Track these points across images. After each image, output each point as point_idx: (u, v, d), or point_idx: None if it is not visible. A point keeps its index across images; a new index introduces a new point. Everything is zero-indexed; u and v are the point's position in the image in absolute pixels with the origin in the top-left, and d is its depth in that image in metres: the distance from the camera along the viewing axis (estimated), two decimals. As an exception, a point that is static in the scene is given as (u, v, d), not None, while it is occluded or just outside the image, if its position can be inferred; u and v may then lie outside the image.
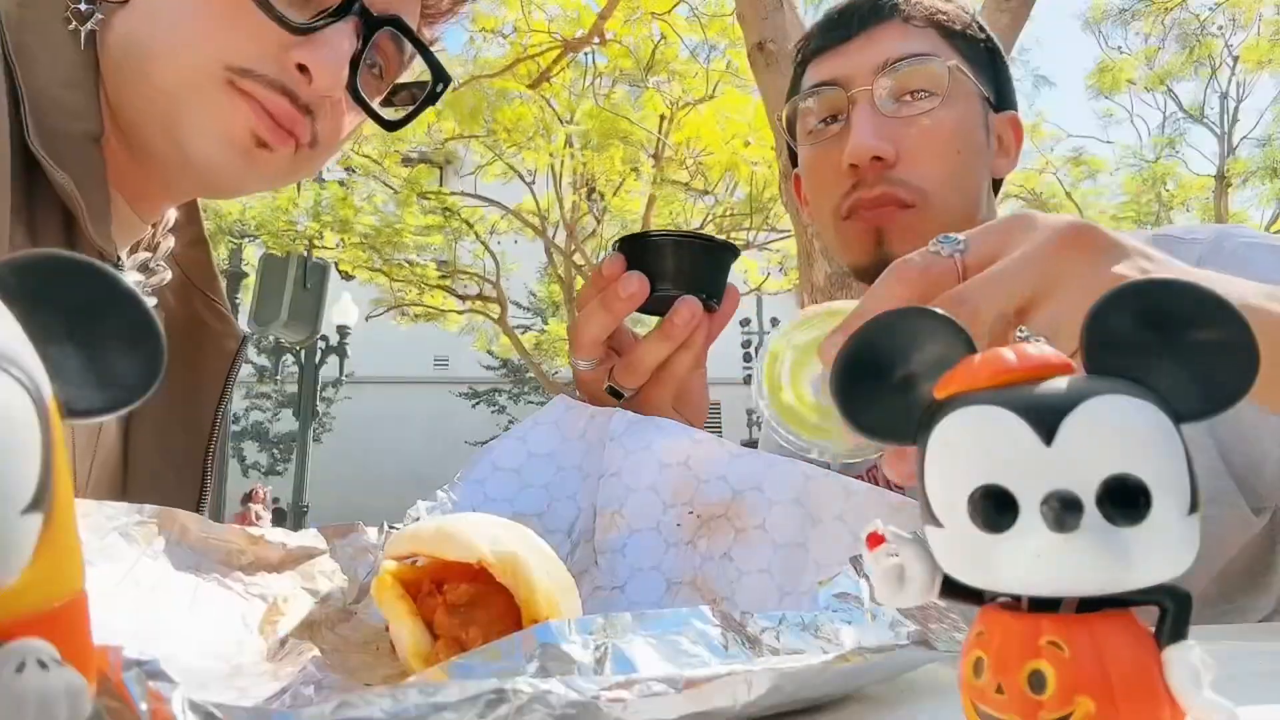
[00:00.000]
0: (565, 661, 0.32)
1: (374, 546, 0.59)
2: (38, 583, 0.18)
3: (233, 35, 0.64)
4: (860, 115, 0.84)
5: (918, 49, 0.85)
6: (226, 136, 0.66)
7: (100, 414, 0.22)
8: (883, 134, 0.83)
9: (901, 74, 0.84)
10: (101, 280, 0.22)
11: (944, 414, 0.24)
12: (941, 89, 0.85)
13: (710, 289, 0.69)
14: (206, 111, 0.65)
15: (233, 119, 0.65)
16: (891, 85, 0.85)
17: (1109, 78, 12.54)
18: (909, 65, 0.84)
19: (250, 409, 18.15)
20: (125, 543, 0.47)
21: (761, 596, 0.56)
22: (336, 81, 0.66)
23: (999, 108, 0.93)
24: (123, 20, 0.66)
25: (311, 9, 0.66)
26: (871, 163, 0.83)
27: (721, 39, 7.83)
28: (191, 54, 0.64)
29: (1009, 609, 0.24)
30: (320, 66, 0.65)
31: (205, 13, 0.65)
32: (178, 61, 0.65)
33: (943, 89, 0.85)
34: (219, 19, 0.64)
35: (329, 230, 9.08)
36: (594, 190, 9.76)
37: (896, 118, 0.84)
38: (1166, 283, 0.23)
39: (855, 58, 0.87)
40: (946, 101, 0.85)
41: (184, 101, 0.65)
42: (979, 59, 0.90)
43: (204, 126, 0.65)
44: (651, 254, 0.68)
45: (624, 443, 0.66)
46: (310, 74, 0.65)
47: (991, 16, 3.79)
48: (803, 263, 3.78)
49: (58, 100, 0.63)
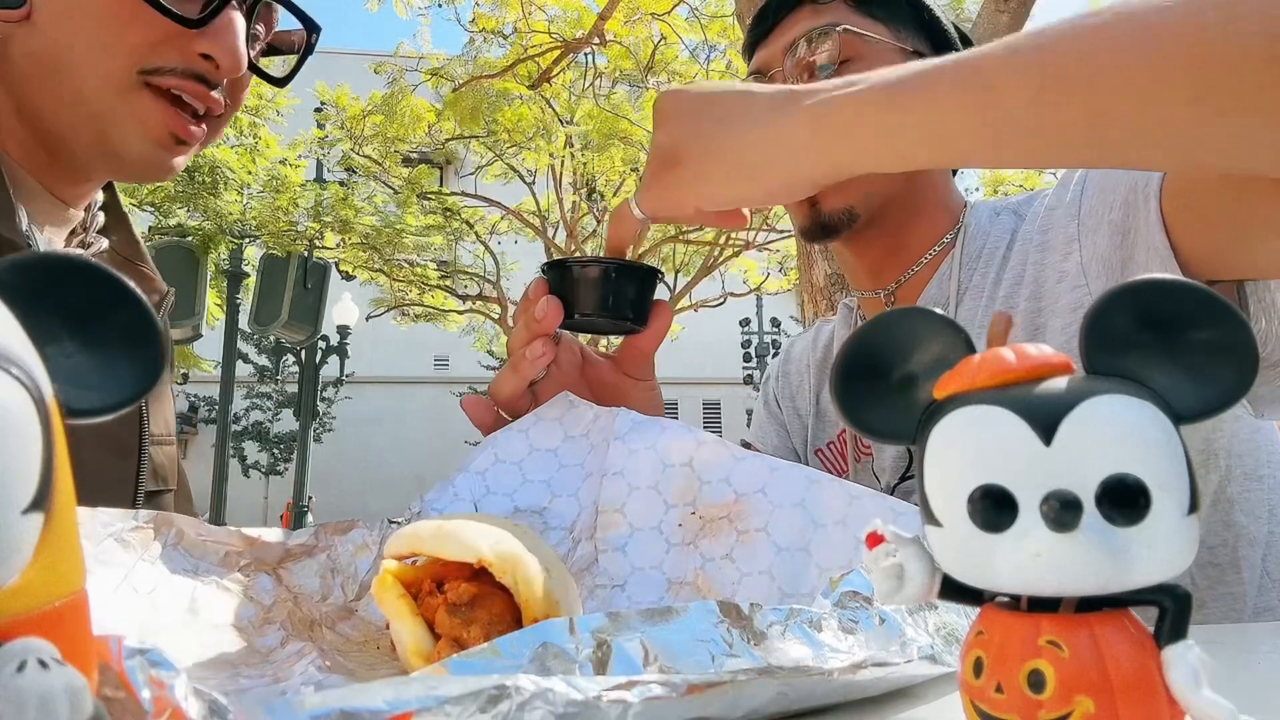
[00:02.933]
0: (566, 660, 0.32)
1: (374, 543, 0.59)
2: (38, 582, 0.18)
3: (138, 39, 0.71)
4: None
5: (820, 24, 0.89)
6: (150, 137, 0.74)
7: (100, 414, 0.22)
8: None
9: (804, 50, 0.88)
10: (101, 280, 0.22)
11: (943, 414, 0.24)
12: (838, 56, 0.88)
13: (632, 310, 0.73)
14: (129, 115, 0.72)
15: (153, 120, 0.73)
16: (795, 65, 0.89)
17: (1109, 78, 12.53)
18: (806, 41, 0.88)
19: (250, 409, 18.15)
20: (121, 548, 0.47)
21: (763, 599, 0.56)
22: (239, 63, 0.75)
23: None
24: (25, 38, 0.72)
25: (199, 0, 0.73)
26: None
27: (721, 39, 7.83)
28: (104, 63, 0.71)
29: (1008, 609, 0.24)
30: (223, 54, 0.73)
31: (109, 22, 0.71)
32: (94, 71, 0.71)
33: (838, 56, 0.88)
34: (122, 26, 0.70)
35: (329, 230, 9.08)
36: (594, 190, 9.77)
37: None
38: (1166, 283, 0.23)
39: (773, 46, 0.92)
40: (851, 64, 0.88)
41: (107, 108, 0.72)
42: (899, 16, 0.92)
43: (128, 129, 0.73)
44: (572, 279, 0.72)
45: (628, 441, 0.66)
46: (215, 61, 0.73)
47: (991, 16, 3.79)
48: (803, 263, 3.78)
49: None
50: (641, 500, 0.63)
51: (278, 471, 17.68)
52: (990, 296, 0.87)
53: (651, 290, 0.74)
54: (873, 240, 0.90)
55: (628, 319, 0.73)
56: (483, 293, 10.50)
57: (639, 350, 0.77)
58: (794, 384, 1.12)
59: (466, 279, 10.52)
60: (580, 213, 9.72)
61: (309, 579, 0.55)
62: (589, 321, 0.72)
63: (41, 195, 0.77)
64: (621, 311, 0.72)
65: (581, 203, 9.70)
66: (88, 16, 0.71)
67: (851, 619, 0.39)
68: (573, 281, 0.72)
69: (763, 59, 0.93)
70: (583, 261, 0.72)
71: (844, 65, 0.88)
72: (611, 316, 0.72)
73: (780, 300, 13.87)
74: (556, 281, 0.72)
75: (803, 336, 1.19)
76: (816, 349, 1.11)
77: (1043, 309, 0.82)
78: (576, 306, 0.71)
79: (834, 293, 3.48)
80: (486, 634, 0.42)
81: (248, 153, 8.23)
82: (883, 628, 0.39)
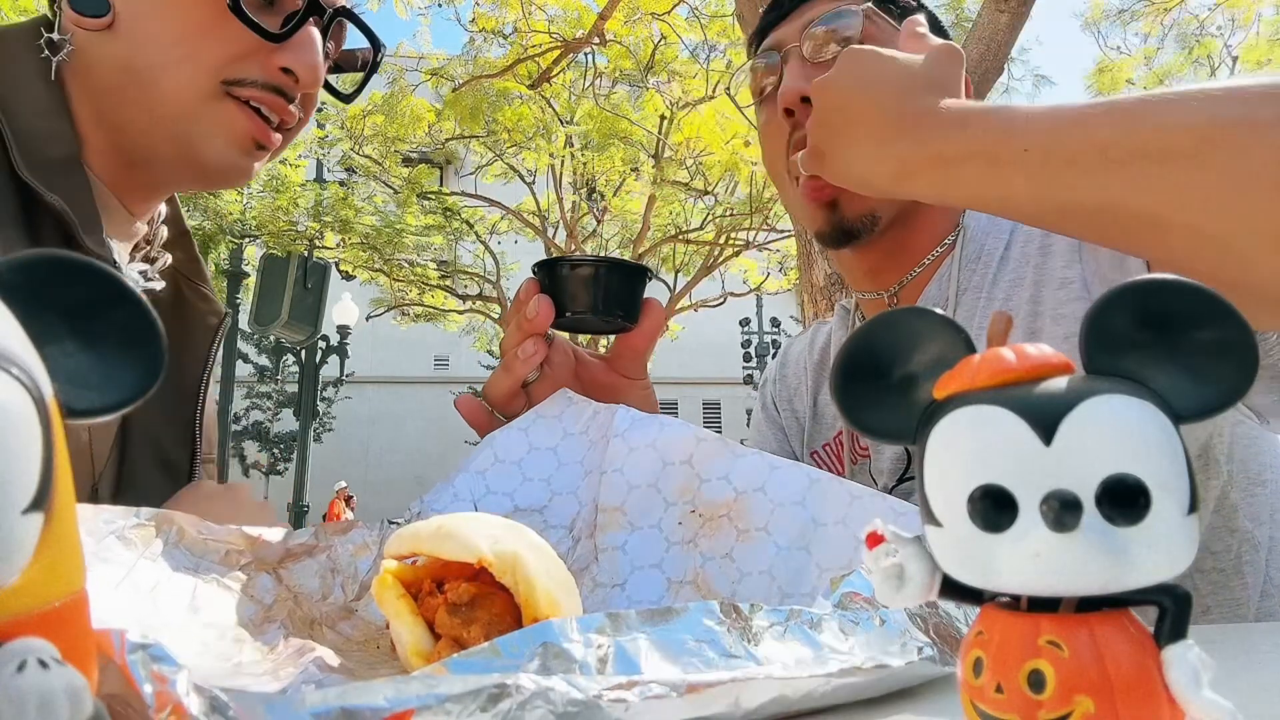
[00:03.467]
0: (566, 660, 0.32)
1: (374, 543, 0.59)
2: (38, 582, 0.18)
3: (222, 51, 0.72)
4: (789, 67, 0.91)
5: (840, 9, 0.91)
6: (233, 142, 0.75)
7: (100, 414, 0.22)
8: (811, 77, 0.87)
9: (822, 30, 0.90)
10: (101, 280, 0.22)
11: (943, 414, 0.24)
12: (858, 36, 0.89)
13: (622, 309, 0.74)
14: (213, 122, 0.74)
15: (235, 127, 0.74)
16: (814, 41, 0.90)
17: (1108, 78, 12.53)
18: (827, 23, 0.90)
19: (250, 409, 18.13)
20: (123, 546, 0.47)
21: (763, 598, 0.56)
22: (318, 79, 0.77)
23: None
24: (105, 47, 0.72)
25: (279, 13, 0.74)
26: (802, 104, 0.87)
27: (721, 39, 7.82)
28: (189, 72, 0.72)
29: (1008, 609, 0.24)
30: (304, 70, 0.75)
31: (194, 34, 0.72)
32: (178, 80, 0.72)
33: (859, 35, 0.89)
34: (207, 38, 0.72)
35: (330, 230, 9.07)
36: (594, 190, 9.77)
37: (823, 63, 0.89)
38: (1166, 282, 0.23)
39: (789, 27, 0.93)
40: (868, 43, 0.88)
41: (191, 115, 0.73)
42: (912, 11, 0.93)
43: (212, 135, 0.74)
44: (562, 278, 0.73)
45: (627, 439, 0.66)
46: (295, 75, 0.75)
47: (991, 16, 3.79)
48: (803, 263, 3.78)
49: (36, 130, 0.71)
50: (641, 498, 0.63)
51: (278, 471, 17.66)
52: (989, 296, 0.87)
53: (642, 288, 0.75)
54: (875, 242, 0.90)
55: (619, 317, 0.74)
56: (483, 293, 10.50)
57: (632, 348, 0.78)
58: (791, 387, 1.12)
59: (466, 279, 10.52)
60: (580, 213, 9.71)
61: (309, 579, 0.55)
62: (580, 320, 0.73)
63: (115, 207, 0.77)
64: (612, 310, 0.73)
65: (581, 203, 9.69)
66: (173, 27, 0.72)
67: (852, 620, 0.39)
68: (563, 281, 0.72)
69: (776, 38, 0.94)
70: (573, 261, 0.73)
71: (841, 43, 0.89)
72: (602, 315, 0.73)
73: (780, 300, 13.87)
74: (547, 281, 0.73)
75: (800, 339, 1.19)
76: (814, 351, 1.11)
77: (1041, 312, 0.82)
78: (568, 305, 0.72)
79: (834, 292, 3.48)
80: (486, 634, 0.42)
81: (248, 152, 8.22)
82: (883, 628, 0.39)
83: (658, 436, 0.65)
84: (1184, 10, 11.03)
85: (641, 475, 0.64)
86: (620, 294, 0.74)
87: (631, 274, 0.74)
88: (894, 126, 0.66)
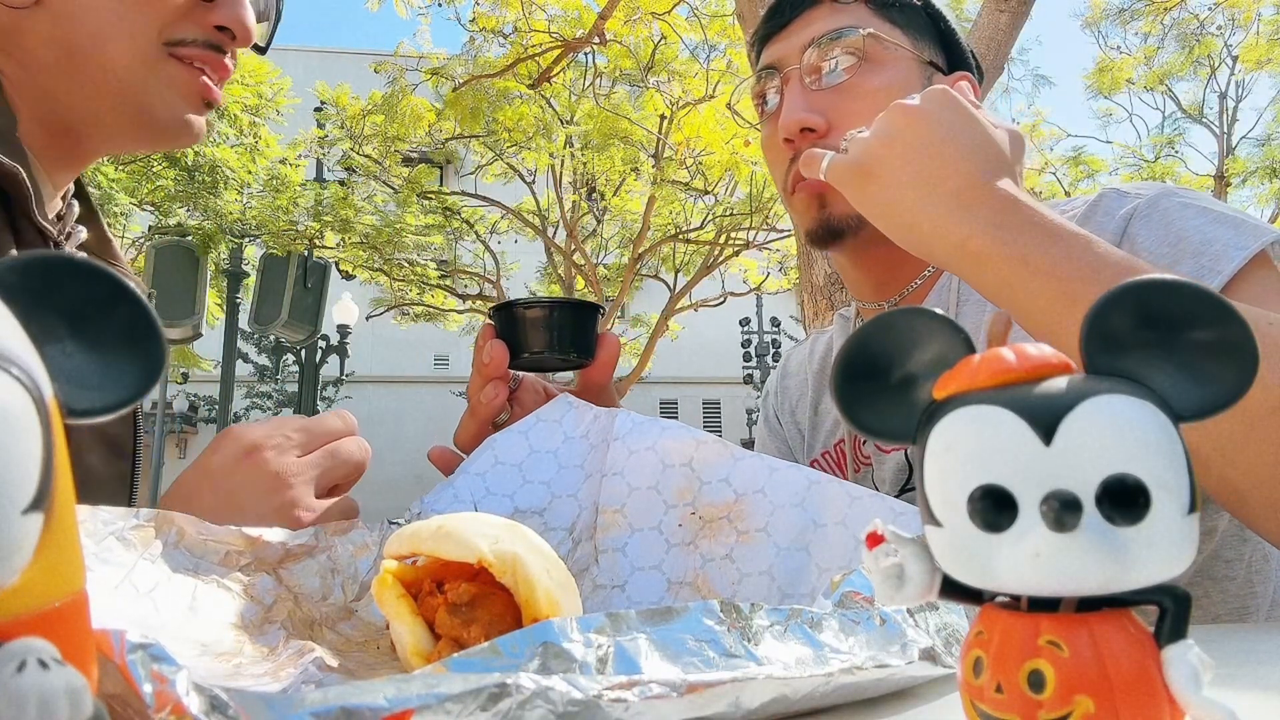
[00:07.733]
0: (566, 660, 0.32)
1: (374, 543, 0.59)
2: (38, 582, 0.18)
3: (159, 14, 0.74)
4: (789, 92, 0.90)
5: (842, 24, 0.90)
6: (185, 99, 0.78)
7: (100, 414, 0.22)
8: (811, 106, 0.88)
9: (823, 49, 0.89)
10: (101, 280, 0.22)
11: (943, 414, 0.24)
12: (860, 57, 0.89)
13: (576, 346, 0.76)
14: (162, 83, 0.76)
15: (185, 87, 0.77)
16: (815, 62, 0.89)
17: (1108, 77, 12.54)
18: (828, 40, 0.89)
19: (250, 408, 18.14)
20: (123, 547, 0.47)
21: (763, 598, 0.56)
22: (251, 34, 0.80)
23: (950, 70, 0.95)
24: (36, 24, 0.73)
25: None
26: (802, 134, 0.87)
27: (721, 39, 7.81)
28: (131, 39, 0.74)
29: (1008, 609, 0.24)
30: (239, 26, 0.78)
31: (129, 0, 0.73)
32: (120, 48, 0.74)
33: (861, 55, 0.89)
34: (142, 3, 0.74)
35: (329, 230, 9.06)
36: (594, 190, 9.76)
37: (825, 90, 0.89)
38: (1166, 283, 0.23)
39: (789, 41, 0.92)
40: (870, 67, 0.89)
41: (139, 80, 0.75)
42: (917, 24, 0.93)
43: (163, 97, 0.77)
44: (516, 320, 0.75)
45: (627, 442, 0.66)
46: (231, 31, 0.78)
47: (991, 16, 3.79)
48: (803, 262, 3.77)
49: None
50: (641, 500, 0.63)
51: (278, 471, 17.63)
52: (991, 308, 0.87)
53: (594, 324, 0.77)
54: (877, 253, 0.90)
55: (572, 354, 0.76)
56: (483, 292, 10.49)
57: (592, 382, 0.79)
58: (793, 396, 1.12)
59: (466, 278, 10.51)
60: (580, 212, 9.70)
61: (309, 579, 0.55)
62: (537, 360, 0.76)
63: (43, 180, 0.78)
64: (566, 349, 0.75)
65: (581, 202, 9.68)
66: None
67: (852, 620, 0.39)
68: (518, 323, 0.74)
69: (776, 54, 0.93)
70: (526, 303, 0.75)
71: (861, 67, 0.88)
72: (558, 354, 0.75)
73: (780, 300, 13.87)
74: (503, 325, 0.75)
75: (799, 348, 1.19)
76: (814, 359, 1.12)
77: None
78: (524, 347, 0.74)
79: (834, 292, 3.48)
80: (486, 634, 0.42)
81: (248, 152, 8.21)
82: (883, 628, 0.39)
83: (658, 440, 0.65)
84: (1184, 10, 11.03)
85: (642, 478, 0.64)
86: (573, 332, 0.75)
87: (582, 311, 0.76)
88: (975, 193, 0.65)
